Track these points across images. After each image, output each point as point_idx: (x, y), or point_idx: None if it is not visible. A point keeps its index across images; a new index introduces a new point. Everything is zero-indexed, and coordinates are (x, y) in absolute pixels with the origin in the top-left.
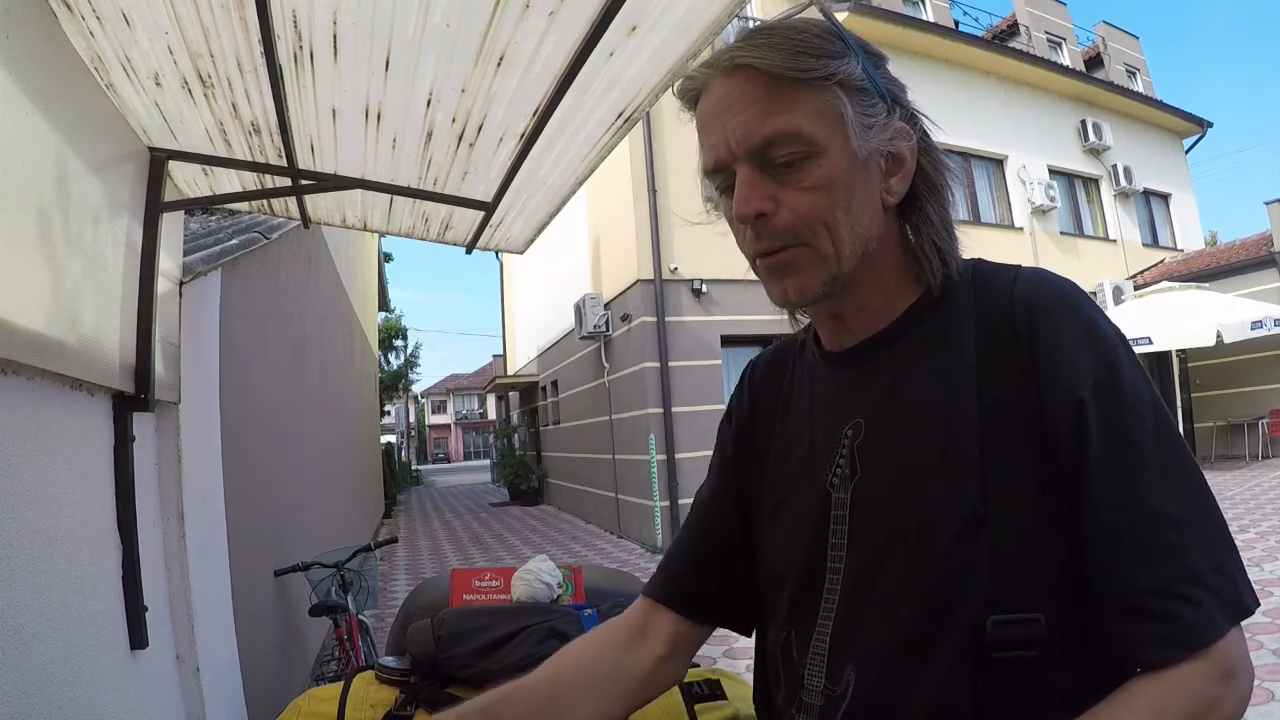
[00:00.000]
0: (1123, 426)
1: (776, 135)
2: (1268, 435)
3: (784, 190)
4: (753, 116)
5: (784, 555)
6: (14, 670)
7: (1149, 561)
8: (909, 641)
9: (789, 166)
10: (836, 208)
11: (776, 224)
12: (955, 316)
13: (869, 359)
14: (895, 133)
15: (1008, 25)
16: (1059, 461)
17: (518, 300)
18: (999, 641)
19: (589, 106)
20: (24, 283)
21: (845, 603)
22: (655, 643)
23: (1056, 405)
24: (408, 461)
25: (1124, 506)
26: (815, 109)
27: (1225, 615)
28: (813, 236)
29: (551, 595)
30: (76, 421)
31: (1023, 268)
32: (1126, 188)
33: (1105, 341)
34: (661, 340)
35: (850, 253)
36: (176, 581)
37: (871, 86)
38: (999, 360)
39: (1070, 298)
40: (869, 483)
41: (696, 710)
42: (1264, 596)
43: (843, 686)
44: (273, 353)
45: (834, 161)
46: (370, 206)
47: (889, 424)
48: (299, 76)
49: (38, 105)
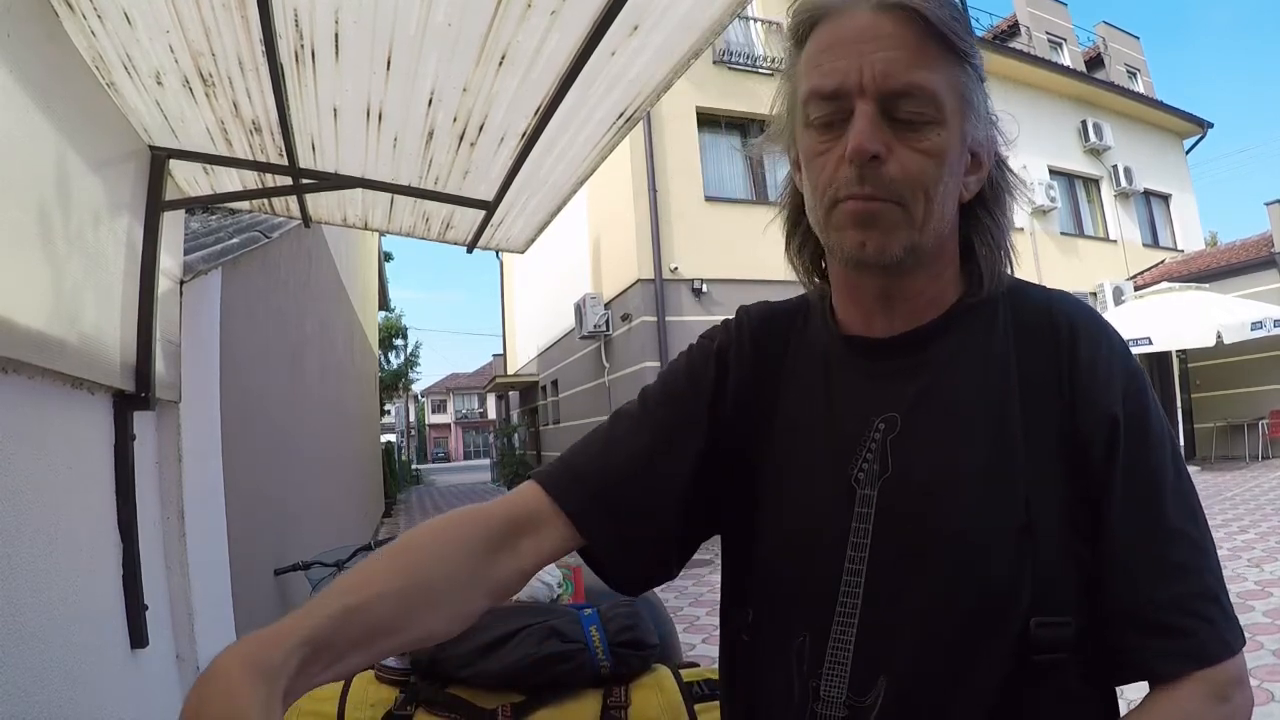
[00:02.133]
0: (1148, 449)
1: (915, 87)
2: (1268, 436)
3: (898, 144)
4: (899, 58)
5: (790, 548)
6: (14, 669)
7: (1168, 578)
8: (951, 648)
9: (909, 124)
10: (940, 178)
11: (885, 172)
12: (997, 323)
13: (908, 353)
14: (985, 135)
15: (1008, 25)
16: (1088, 476)
17: (518, 300)
18: (1039, 644)
19: (590, 106)
20: (25, 281)
21: (871, 607)
22: (526, 554)
23: (1093, 421)
24: (408, 460)
25: (1146, 523)
26: (951, 79)
27: (1236, 636)
28: (911, 197)
29: (551, 595)
30: (77, 420)
31: (1051, 289)
32: (1127, 188)
33: (1135, 367)
34: (662, 340)
35: (935, 226)
36: (176, 580)
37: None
38: (1041, 372)
39: (1105, 323)
40: (902, 482)
41: (696, 710)
42: (1264, 597)
43: (872, 698)
44: (273, 352)
45: (951, 134)
46: (371, 206)
47: (928, 424)
48: (300, 75)
49: (39, 104)
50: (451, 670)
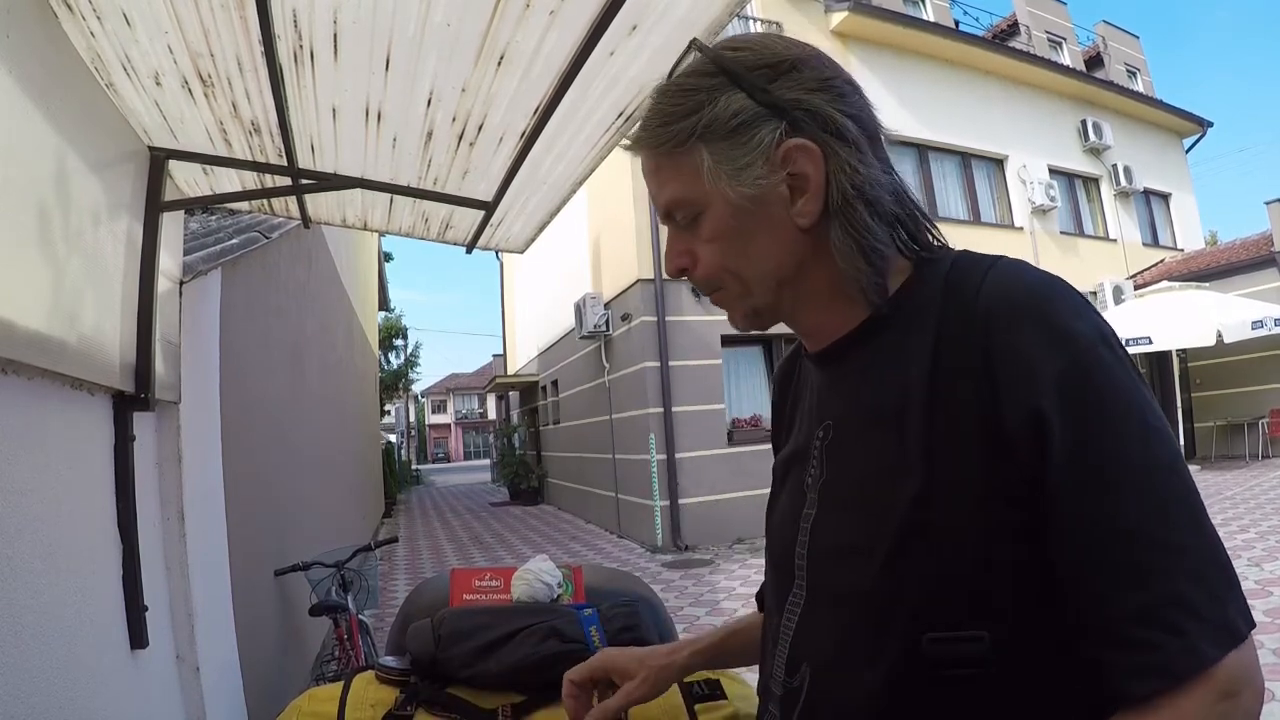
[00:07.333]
0: (1095, 435)
1: (668, 205)
2: (1268, 435)
3: (695, 243)
4: (653, 190)
5: (772, 545)
6: (14, 670)
7: (1127, 585)
8: (852, 649)
9: (691, 223)
10: (733, 255)
11: (696, 276)
12: (919, 319)
13: (837, 362)
14: (788, 154)
15: (1008, 25)
16: (1018, 474)
17: (518, 300)
18: (939, 659)
19: (589, 106)
20: (24, 282)
21: (807, 600)
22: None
23: (1014, 416)
24: (408, 461)
25: (1095, 525)
26: (689, 171)
27: (1215, 642)
28: (725, 280)
29: (551, 595)
30: (77, 421)
31: (1000, 261)
32: (1127, 187)
33: (1075, 343)
34: (662, 340)
35: (761, 288)
36: (176, 581)
37: (751, 116)
38: (956, 367)
39: (1040, 295)
40: (831, 486)
41: (696, 710)
42: (1264, 596)
43: (798, 681)
44: (273, 353)
45: (717, 212)
46: (370, 206)
47: (851, 428)
48: (299, 76)
49: (38, 105)
50: (452, 670)
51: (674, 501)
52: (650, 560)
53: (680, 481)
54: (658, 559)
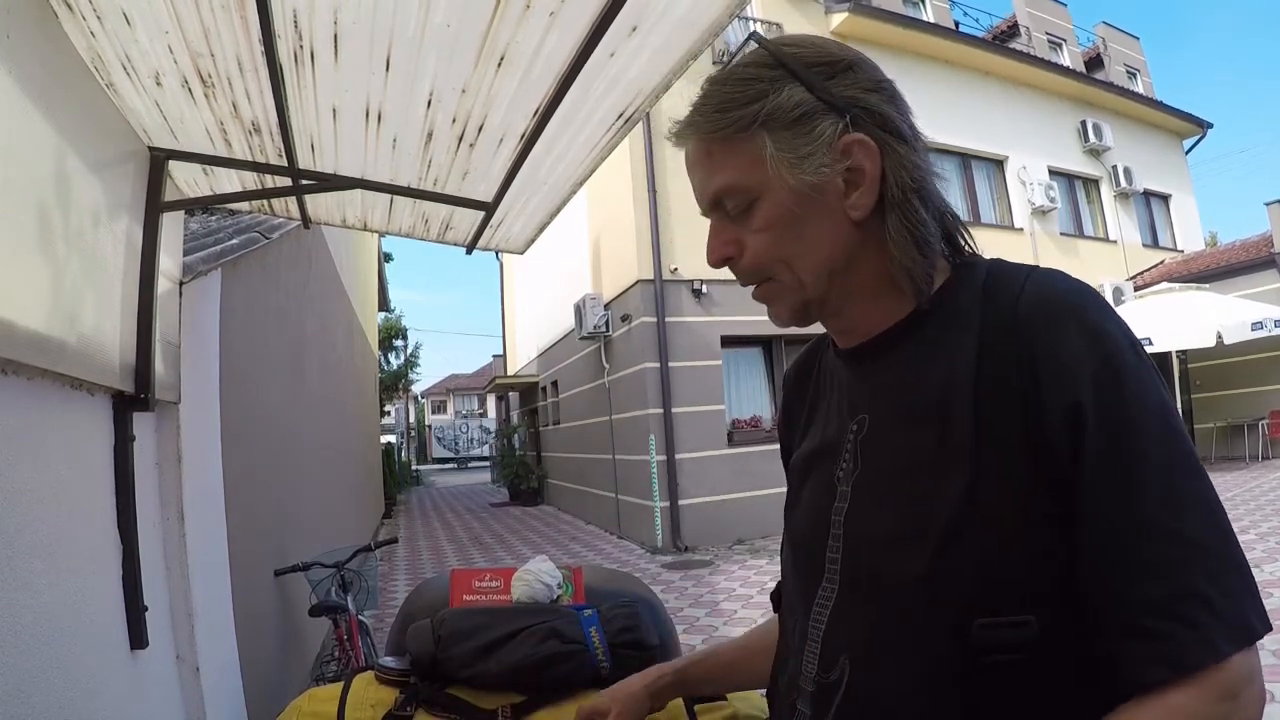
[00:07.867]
0: (1124, 433)
1: (720, 192)
2: (1268, 436)
3: (744, 233)
4: (702, 178)
5: (797, 542)
6: (14, 670)
7: (1146, 577)
8: (895, 639)
9: (742, 212)
10: (787, 243)
11: (742, 266)
12: (959, 318)
13: (873, 358)
14: (848, 147)
15: (1008, 26)
16: (1057, 467)
17: (518, 300)
18: (986, 645)
19: (590, 107)
20: (24, 282)
21: (841, 594)
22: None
23: (1054, 410)
24: (408, 461)
25: (1121, 517)
26: (748, 158)
27: (1228, 638)
28: (773, 271)
29: (551, 595)
30: (76, 421)
31: (1037, 270)
32: (1126, 188)
33: (1109, 343)
34: (661, 340)
35: (813, 279)
36: (176, 581)
37: (811, 109)
38: (1000, 365)
39: (1076, 301)
40: (867, 479)
41: (696, 710)
42: (1264, 596)
43: (836, 675)
44: (273, 353)
45: (776, 201)
46: (370, 206)
47: (889, 422)
48: (299, 76)
49: (38, 105)
50: (452, 671)
51: (674, 502)
52: (650, 561)
53: (680, 482)
54: (657, 560)
